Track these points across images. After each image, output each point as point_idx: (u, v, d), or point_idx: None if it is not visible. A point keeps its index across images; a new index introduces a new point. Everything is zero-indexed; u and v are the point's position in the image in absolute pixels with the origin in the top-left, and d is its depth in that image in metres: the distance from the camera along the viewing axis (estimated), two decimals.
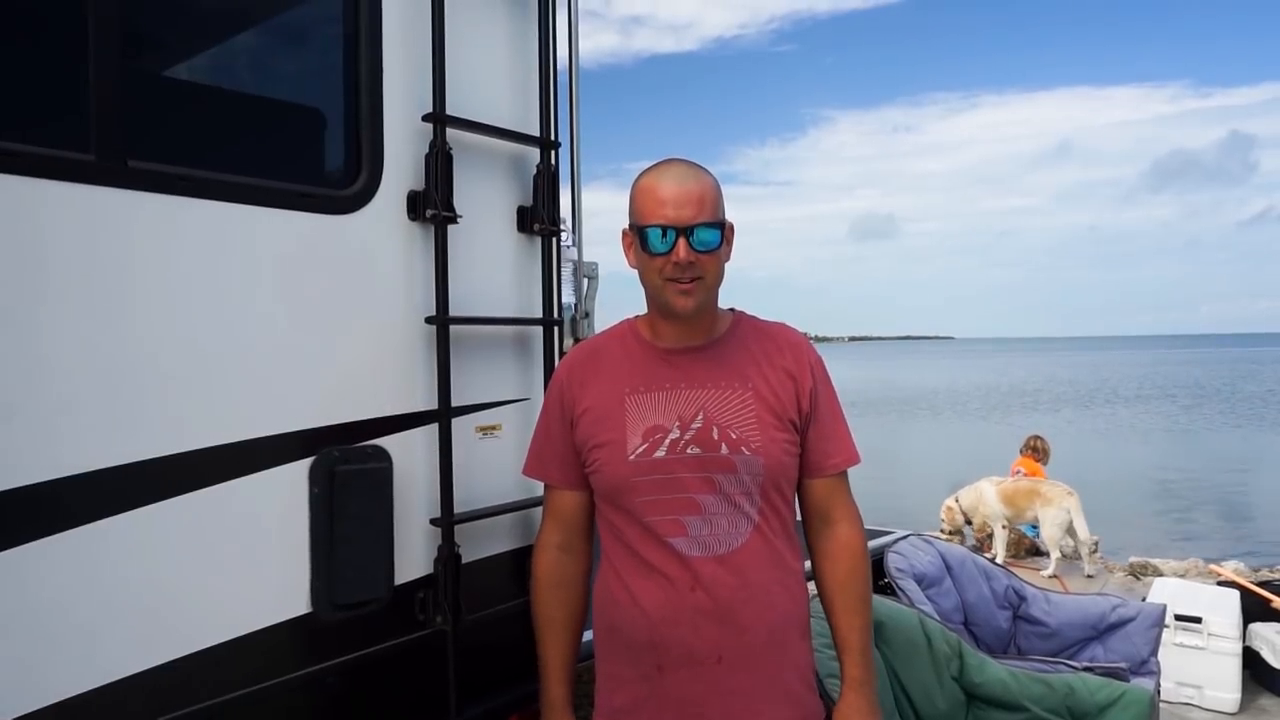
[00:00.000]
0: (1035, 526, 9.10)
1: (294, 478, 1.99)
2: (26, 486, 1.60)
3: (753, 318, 1.95)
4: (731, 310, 1.94)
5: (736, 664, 1.76)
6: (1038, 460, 9.22)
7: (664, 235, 1.72)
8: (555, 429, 1.92)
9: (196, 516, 1.83)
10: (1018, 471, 8.97)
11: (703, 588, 1.75)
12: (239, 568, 1.91)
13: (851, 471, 1.93)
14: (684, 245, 1.72)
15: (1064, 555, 8.02)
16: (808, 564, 1.93)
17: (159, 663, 1.77)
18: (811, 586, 1.94)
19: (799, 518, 1.93)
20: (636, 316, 1.94)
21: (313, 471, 2.02)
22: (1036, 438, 9.47)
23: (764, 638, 1.78)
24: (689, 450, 1.77)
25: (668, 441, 1.78)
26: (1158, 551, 8.51)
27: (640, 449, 1.78)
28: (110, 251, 1.72)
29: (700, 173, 1.78)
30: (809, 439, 1.86)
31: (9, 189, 1.59)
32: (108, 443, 1.70)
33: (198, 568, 1.84)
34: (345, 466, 2.06)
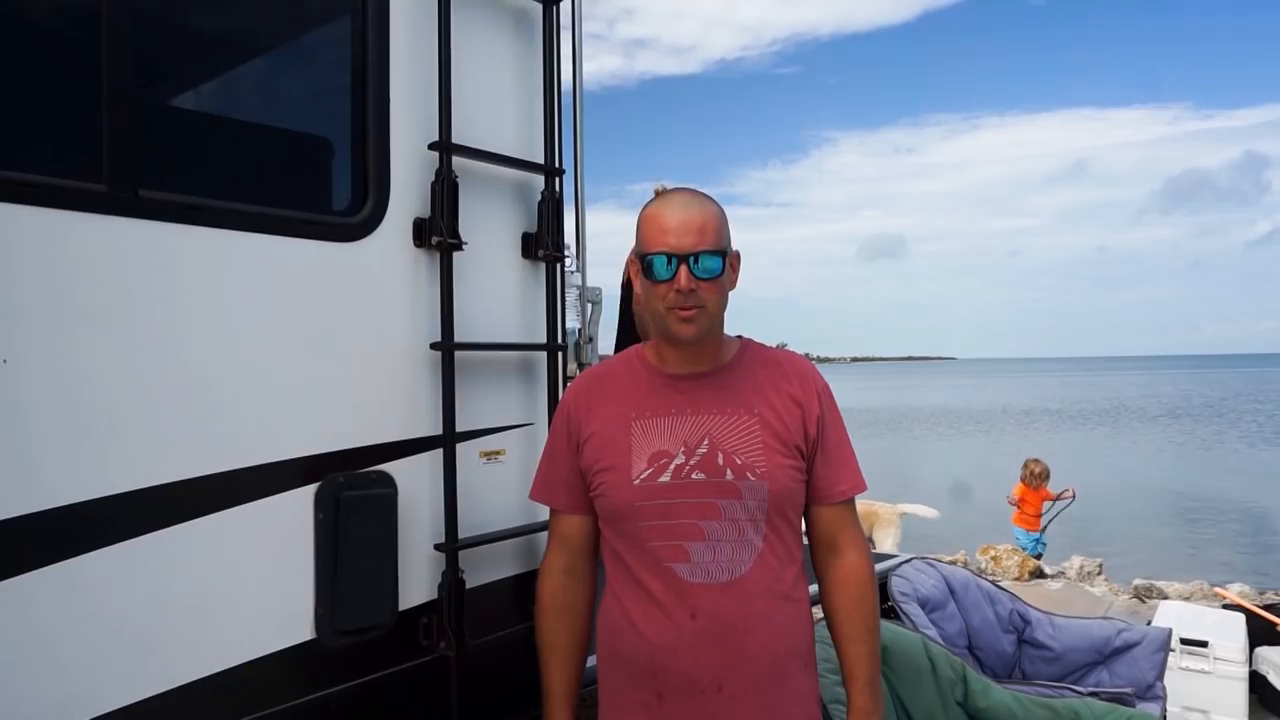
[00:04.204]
0: (1038, 542, 9.15)
1: (299, 504, 2.00)
2: (26, 515, 1.60)
3: (760, 345, 1.96)
4: (739, 337, 1.95)
5: (738, 693, 1.76)
6: (1026, 483, 9.37)
7: (668, 263, 1.74)
8: (561, 453, 1.93)
9: (200, 543, 1.83)
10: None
11: (704, 615, 1.75)
12: (242, 594, 1.91)
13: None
14: (685, 273, 1.73)
15: (1069, 577, 8.00)
16: (813, 588, 1.93)
17: (161, 690, 1.77)
18: (817, 611, 1.94)
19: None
20: (644, 343, 1.96)
21: (318, 497, 2.02)
22: (1031, 460, 9.58)
23: (767, 667, 1.78)
24: (694, 476, 1.78)
25: (672, 467, 1.79)
26: (1163, 573, 8.47)
27: (645, 474, 1.79)
28: (120, 280, 1.74)
29: (705, 201, 1.80)
30: (815, 466, 1.86)
31: (23, 219, 1.61)
32: (110, 471, 1.71)
33: (201, 594, 1.85)
34: (350, 492, 2.07)
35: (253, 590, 1.93)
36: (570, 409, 1.93)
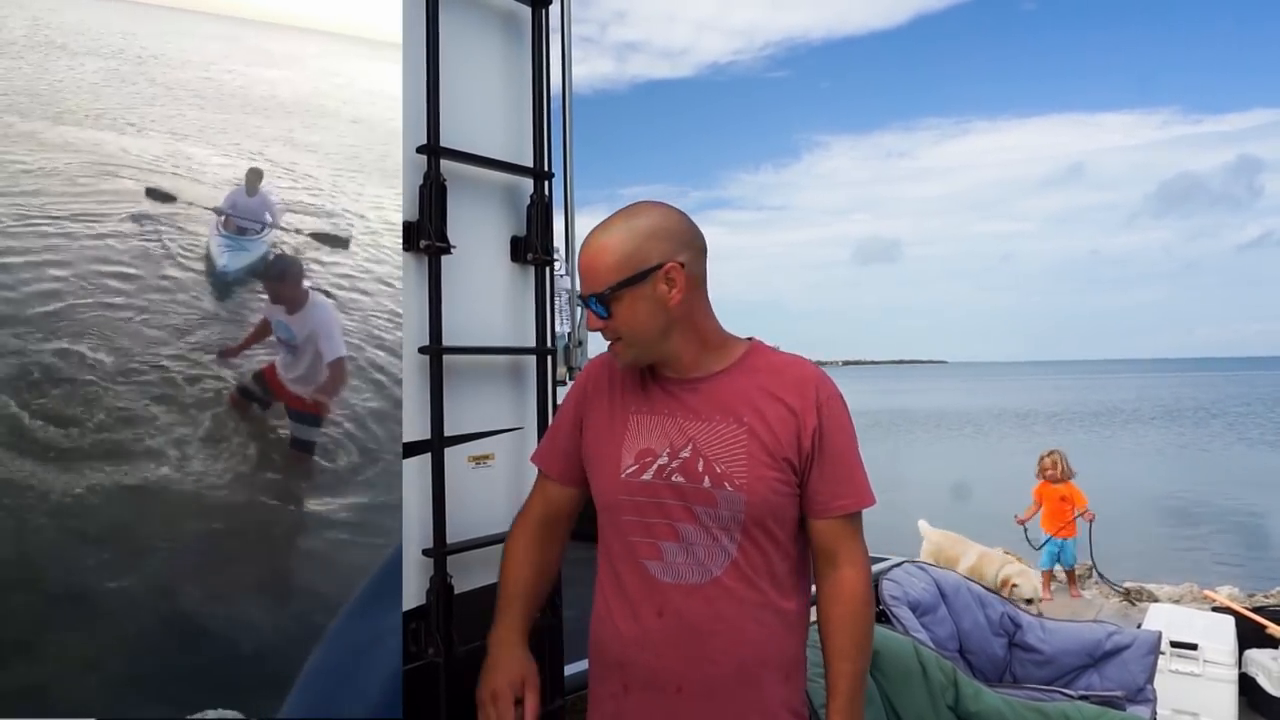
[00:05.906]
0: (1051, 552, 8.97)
1: None
2: None
3: (770, 350, 1.90)
4: (749, 340, 1.91)
5: (697, 695, 1.76)
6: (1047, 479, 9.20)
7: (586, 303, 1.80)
8: (566, 425, 1.97)
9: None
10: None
11: (671, 614, 1.76)
12: None
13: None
14: (591, 316, 1.79)
15: (1057, 579, 8.02)
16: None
17: None
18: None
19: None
20: None
21: None
22: (1043, 454, 9.26)
23: (731, 672, 1.76)
24: (673, 478, 1.78)
25: (655, 466, 1.80)
26: (1153, 576, 8.49)
27: (631, 468, 1.81)
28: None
29: (608, 234, 1.75)
30: (813, 479, 1.80)
31: None
32: None
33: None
34: None
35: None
36: (584, 388, 1.97)
